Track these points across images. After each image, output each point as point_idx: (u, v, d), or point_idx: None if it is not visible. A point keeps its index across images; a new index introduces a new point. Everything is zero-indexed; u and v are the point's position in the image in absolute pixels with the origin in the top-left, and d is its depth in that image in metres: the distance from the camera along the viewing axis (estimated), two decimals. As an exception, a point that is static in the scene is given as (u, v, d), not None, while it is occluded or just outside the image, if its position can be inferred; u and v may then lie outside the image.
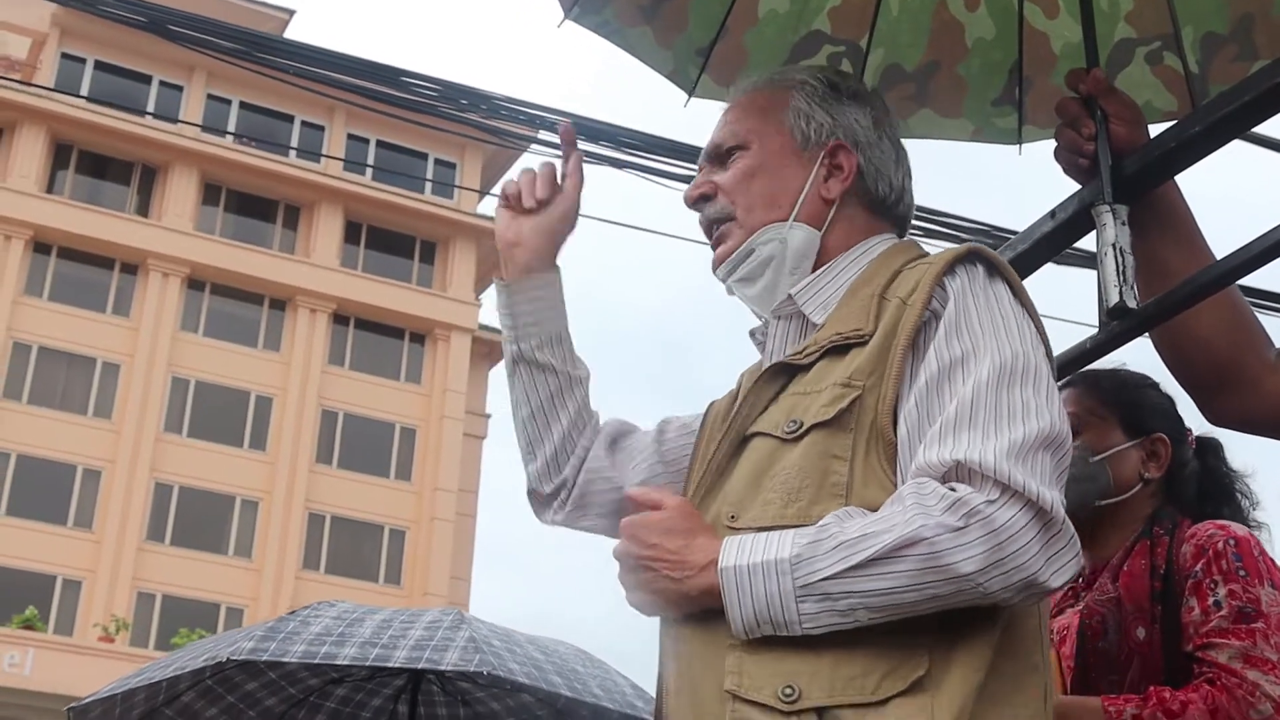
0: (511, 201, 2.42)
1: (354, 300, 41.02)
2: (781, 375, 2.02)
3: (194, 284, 39.83)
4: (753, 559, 1.79)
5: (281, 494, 38.26)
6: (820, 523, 1.80)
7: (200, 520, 37.60)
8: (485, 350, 44.22)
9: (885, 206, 2.19)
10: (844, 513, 1.81)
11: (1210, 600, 2.52)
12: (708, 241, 2.25)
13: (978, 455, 1.76)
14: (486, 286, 44.61)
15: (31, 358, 37.42)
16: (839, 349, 1.96)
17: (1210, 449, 2.88)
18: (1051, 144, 2.83)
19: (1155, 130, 2.42)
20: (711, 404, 2.30)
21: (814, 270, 2.13)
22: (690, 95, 2.89)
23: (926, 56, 2.85)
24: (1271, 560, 2.57)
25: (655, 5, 2.74)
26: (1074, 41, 2.74)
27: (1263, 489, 2.87)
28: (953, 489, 1.75)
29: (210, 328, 39.81)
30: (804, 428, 1.90)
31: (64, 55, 39.88)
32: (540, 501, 2.42)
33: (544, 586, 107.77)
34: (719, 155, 2.23)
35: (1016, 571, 1.72)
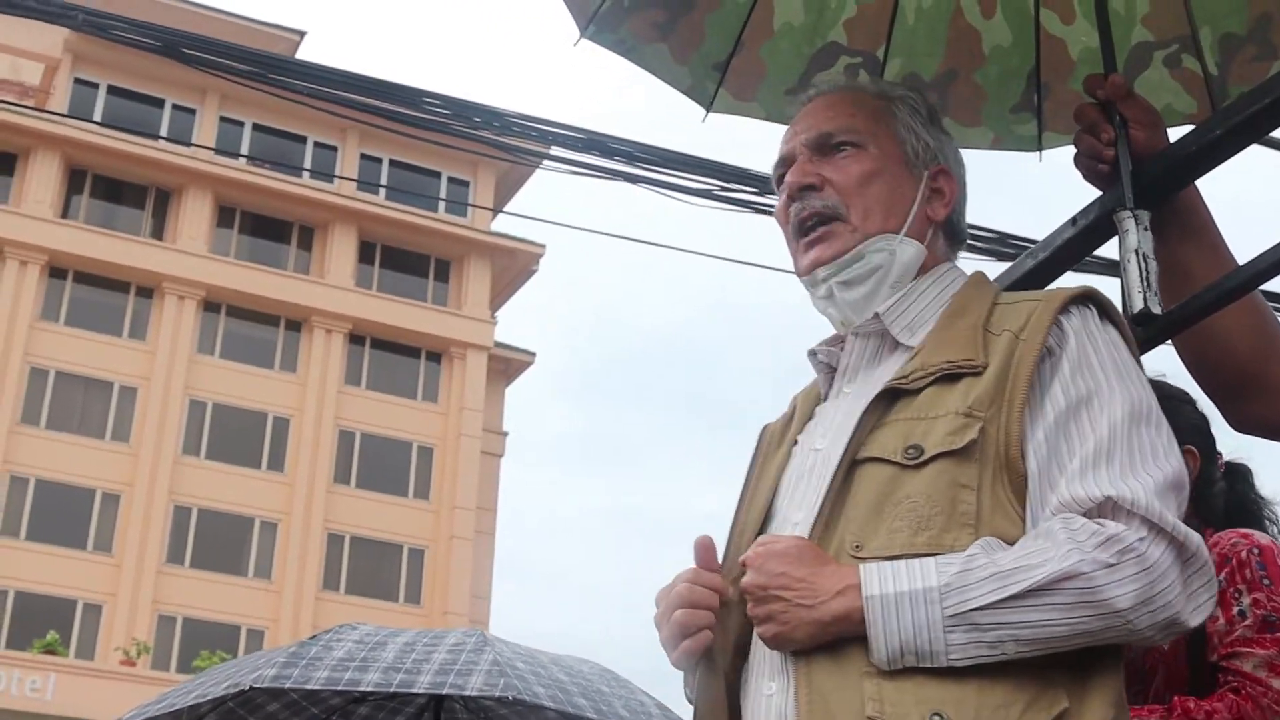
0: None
1: (369, 320, 41.10)
2: (885, 399, 1.97)
3: (210, 306, 39.94)
4: (899, 587, 1.77)
5: (300, 515, 38.30)
6: (966, 553, 1.79)
7: (220, 542, 37.65)
8: (501, 368, 44.28)
9: (959, 241, 2.21)
10: (987, 543, 1.80)
11: (1235, 610, 2.50)
12: (790, 233, 2.19)
13: (1129, 493, 1.78)
14: (502, 304, 44.68)
15: (49, 382, 37.53)
16: (950, 377, 1.94)
17: (1240, 474, 2.87)
18: (1071, 150, 2.83)
19: (1175, 134, 2.41)
20: (766, 427, 2.27)
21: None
22: (708, 110, 2.89)
23: (944, 65, 2.84)
24: None
25: (671, 21, 2.74)
26: (1091, 46, 2.73)
27: None
28: (1102, 524, 1.76)
29: (226, 350, 39.90)
30: (927, 455, 1.87)
31: (77, 80, 40.05)
32: None
33: (565, 603, 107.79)
34: (826, 145, 2.16)
35: (1164, 609, 1.74)
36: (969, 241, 2.38)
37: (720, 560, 2.07)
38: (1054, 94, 2.81)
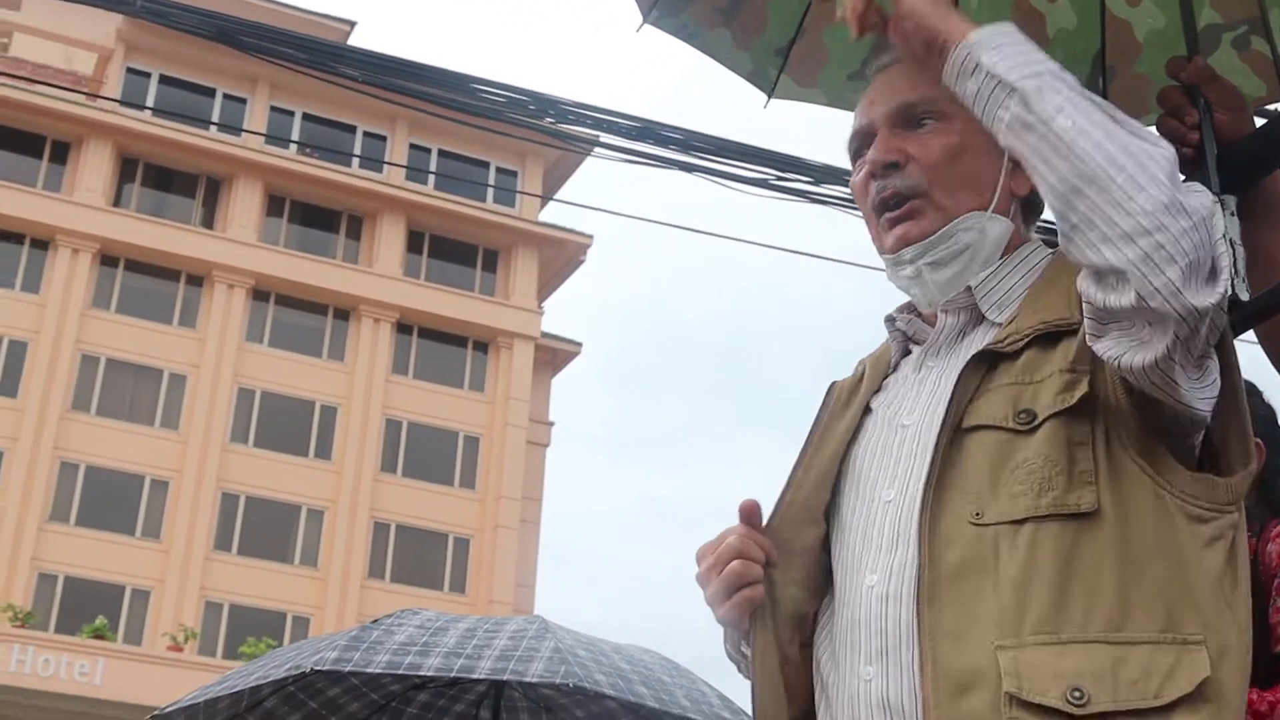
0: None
1: (417, 309, 41.22)
2: (983, 364, 1.92)
3: (259, 295, 40.14)
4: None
5: (346, 503, 38.46)
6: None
7: (266, 529, 37.85)
8: (548, 358, 44.34)
9: (1036, 210, 2.13)
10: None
11: None
12: (871, 211, 2.11)
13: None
14: (549, 294, 44.75)
15: (99, 369, 37.80)
16: (1048, 338, 1.90)
17: None
18: None
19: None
20: (834, 384, 2.21)
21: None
22: (770, 96, 2.87)
23: None
24: None
25: (734, 7, 2.73)
26: (1158, 28, 2.71)
27: None
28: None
29: (275, 338, 40.09)
30: (1041, 418, 1.83)
31: (129, 70, 40.31)
32: None
33: (610, 593, 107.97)
34: (909, 117, 2.08)
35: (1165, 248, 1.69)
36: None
37: (766, 521, 2.04)
38: (1119, 77, 2.78)
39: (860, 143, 2.13)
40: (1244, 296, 2.18)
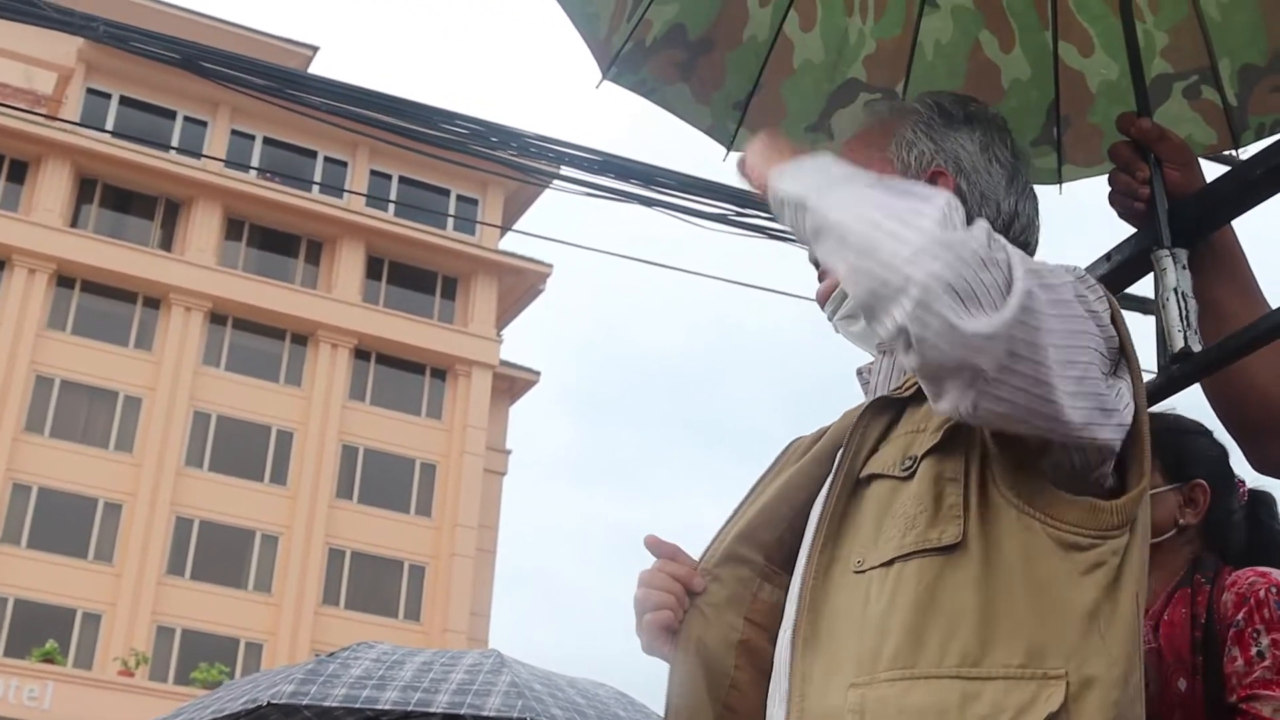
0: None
1: (375, 335, 41.15)
2: (887, 411, 1.95)
3: (216, 318, 40.00)
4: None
5: (302, 529, 38.29)
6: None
7: (220, 554, 37.65)
8: (506, 386, 44.31)
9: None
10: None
11: (1253, 650, 2.48)
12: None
13: None
14: (508, 322, 44.73)
15: (54, 391, 37.57)
16: None
17: (1263, 502, 2.84)
18: (1089, 183, 2.82)
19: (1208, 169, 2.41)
20: (796, 439, 2.21)
21: None
22: (729, 149, 2.90)
23: None
24: None
25: (692, 61, 2.75)
26: (1110, 79, 2.74)
27: None
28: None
29: (232, 362, 39.93)
30: (916, 460, 1.83)
31: (89, 90, 40.17)
32: None
33: (566, 622, 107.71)
34: None
35: (937, 275, 1.61)
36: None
37: (701, 556, 2.06)
38: (1073, 127, 2.81)
39: None
40: (1197, 349, 2.21)
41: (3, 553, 35.27)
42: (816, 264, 2.17)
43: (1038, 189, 2.91)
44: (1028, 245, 2.15)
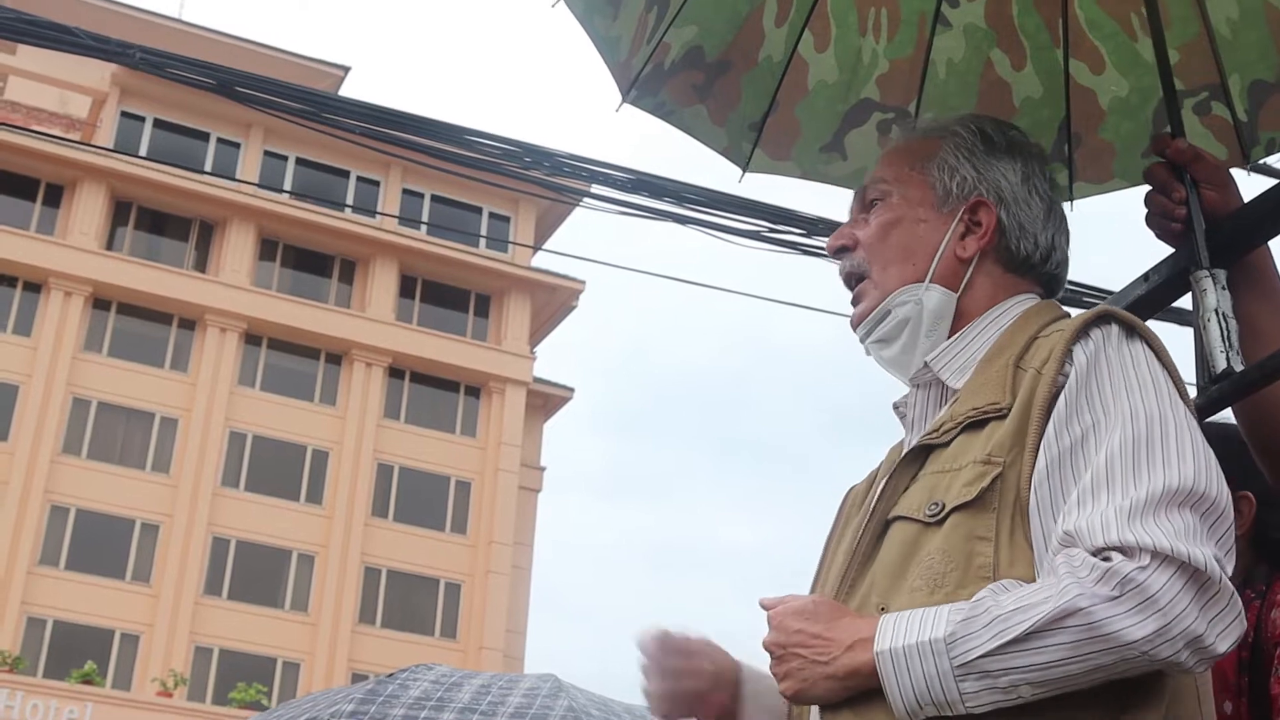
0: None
1: (409, 354, 41.22)
2: (921, 454, 1.95)
3: (251, 339, 40.14)
4: (908, 640, 1.73)
5: (338, 548, 38.36)
6: (975, 597, 1.74)
7: (257, 574, 37.74)
8: (540, 403, 44.33)
9: (1029, 265, 2.12)
10: (999, 586, 1.75)
11: None
12: (848, 293, 2.20)
13: (1131, 536, 1.69)
14: (541, 339, 44.77)
15: (91, 413, 37.75)
16: (977, 424, 1.90)
17: None
18: (1099, 200, 2.84)
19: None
20: (850, 489, 2.24)
21: (952, 332, 2.07)
22: (744, 170, 2.91)
23: None
24: None
25: (709, 83, 2.77)
26: (1121, 95, 2.75)
27: None
28: (1107, 558, 1.68)
29: (267, 382, 40.06)
30: (945, 510, 1.84)
31: (123, 114, 40.40)
32: None
33: (600, 640, 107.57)
34: (863, 202, 2.19)
35: (1181, 636, 1.65)
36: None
37: None
38: (1085, 144, 2.82)
39: None
40: (1239, 368, 2.21)
41: (41, 574, 35.43)
42: (850, 283, 2.17)
43: None
44: (1059, 279, 2.16)
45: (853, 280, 2.16)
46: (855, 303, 2.15)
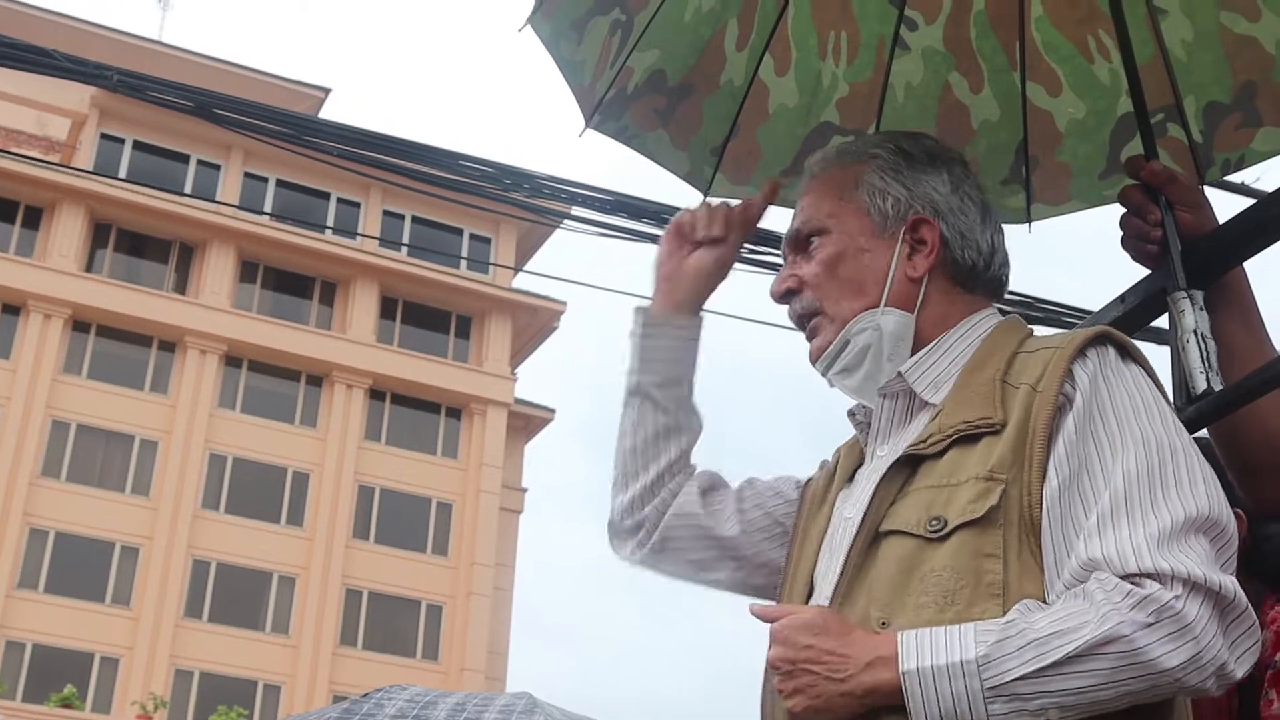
0: (684, 229, 2.40)
1: (390, 375, 41.17)
2: (909, 465, 1.95)
3: (231, 361, 40.06)
4: (937, 661, 1.72)
5: (319, 570, 38.25)
6: (1004, 619, 1.74)
7: (237, 597, 37.62)
8: (521, 424, 44.29)
9: (975, 273, 2.14)
10: (1024, 607, 1.76)
11: None
12: (802, 332, 2.21)
13: (1163, 560, 1.72)
14: (522, 360, 44.75)
15: (70, 435, 37.63)
16: (969, 438, 1.90)
17: None
18: (1056, 221, 2.85)
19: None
20: (809, 480, 2.26)
21: (917, 348, 2.08)
22: (706, 194, 2.91)
23: None
24: None
25: (671, 107, 2.78)
26: (1078, 117, 2.78)
27: None
28: (1139, 584, 1.71)
29: (247, 404, 39.97)
30: (949, 526, 1.84)
31: (103, 135, 40.35)
32: (617, 535, 2.38)
33: (582, 661, 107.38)
34: (800, 242, 2.19)
35: (1211, 663, 1.69)
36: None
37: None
38: (1042, 166, 2.83)
39: None
40: (1216, 387, 2.22)
41: (20, 598, 35.27)
42: (803, 324, 2.18)
43: (1007, 229, 2.97)
44: (1003, 280, 2.19)
45: (805, 320, 2.17)
46: (810, 338, 2.16)
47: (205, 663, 36.42)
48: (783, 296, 2.19)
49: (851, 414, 2.19)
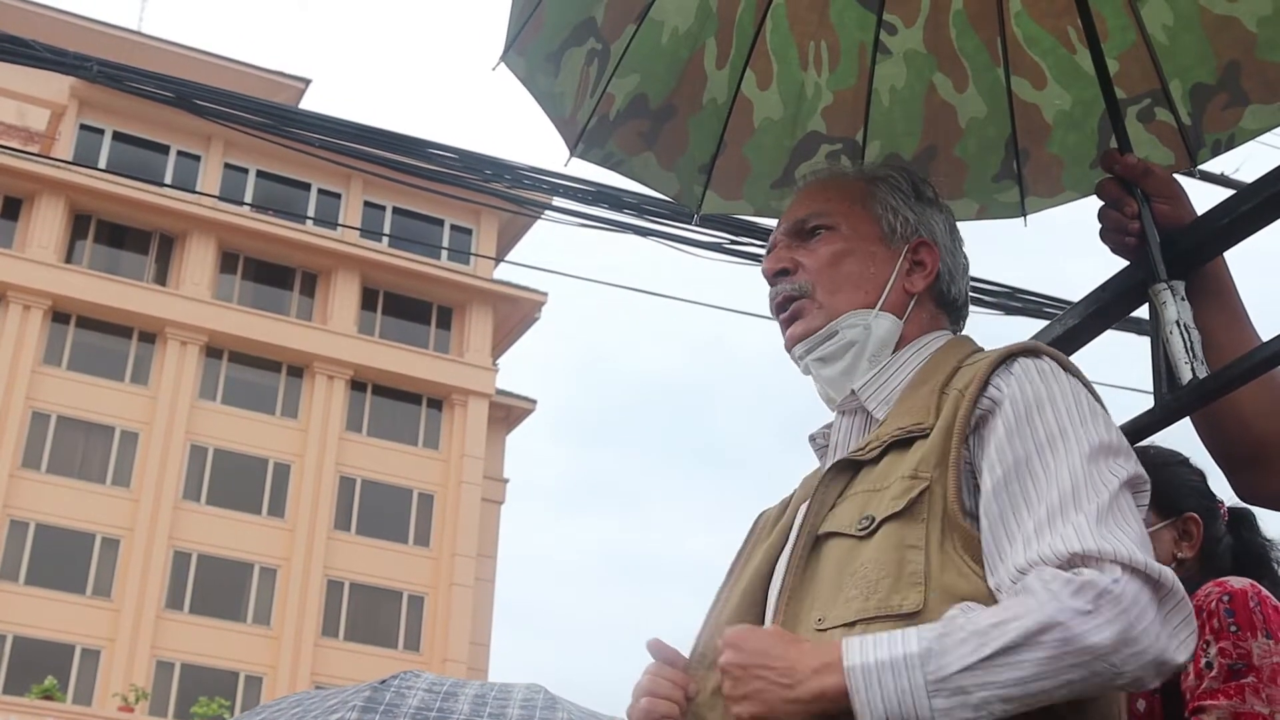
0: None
1: (371, 366, 41.12)
2: (847, 472, 2.02)
3: (212, 352, 39.98)
4: (879, 655, 1.73)
5: (300, 561, 38.22)
6: (946, 615, 1.76)
7: (219, 588, 37.56)
8: (502, 415, 44.27)
9: (954, 309, 2.26)
10: (966, 606, 1.78)
11: (1203, 662, 2.46)
12: (772, 315, 2.26)
13: (1104, 544, 1.75)
14: (503, 351, 44.72)
15: (50, 427, 37.52)
16: (902, 443, 1.98)
17: (1244, 520, 2.86)
18: (1053, 212, 2.89)
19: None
20: (763, 513, 2.30)
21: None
22: (697, 213, 2.95)
23: (923, 143, 2.90)
24: (1275, 606, 2.49)
25: (655, 130, 2.79)
26: (1064, 108, 2.80)
27: None
28: (1078, 573, 1.73)
29: (228, 395, 39.90)
30: (876, 521, 1.90)
31: (82, 126, 40.21)
32: None
33: (563, 650, 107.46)
34: (801, 231, 2.25)
35: (1148, 649, 1.70)
36: (979, 297, 2.41)
37: (690, 652, 2.10)
38: (1033, 159, 2.86)
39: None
40: (1201, 375, 2.24)
41: (1, 589, 35.17)
42: (785, 306, 2.23)
43: (1000, 223, 2.97)
44: (963, 321, 2.28)
45: (789, 302, 2.22)
46: (792, 320, 2.21)
47: (187, 654, 36.36)
48: (776, 275, 2.23)
49: (812, 439, 2.26)
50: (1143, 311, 2.42)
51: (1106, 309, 2.47)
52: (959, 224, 2.36)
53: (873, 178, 2.28)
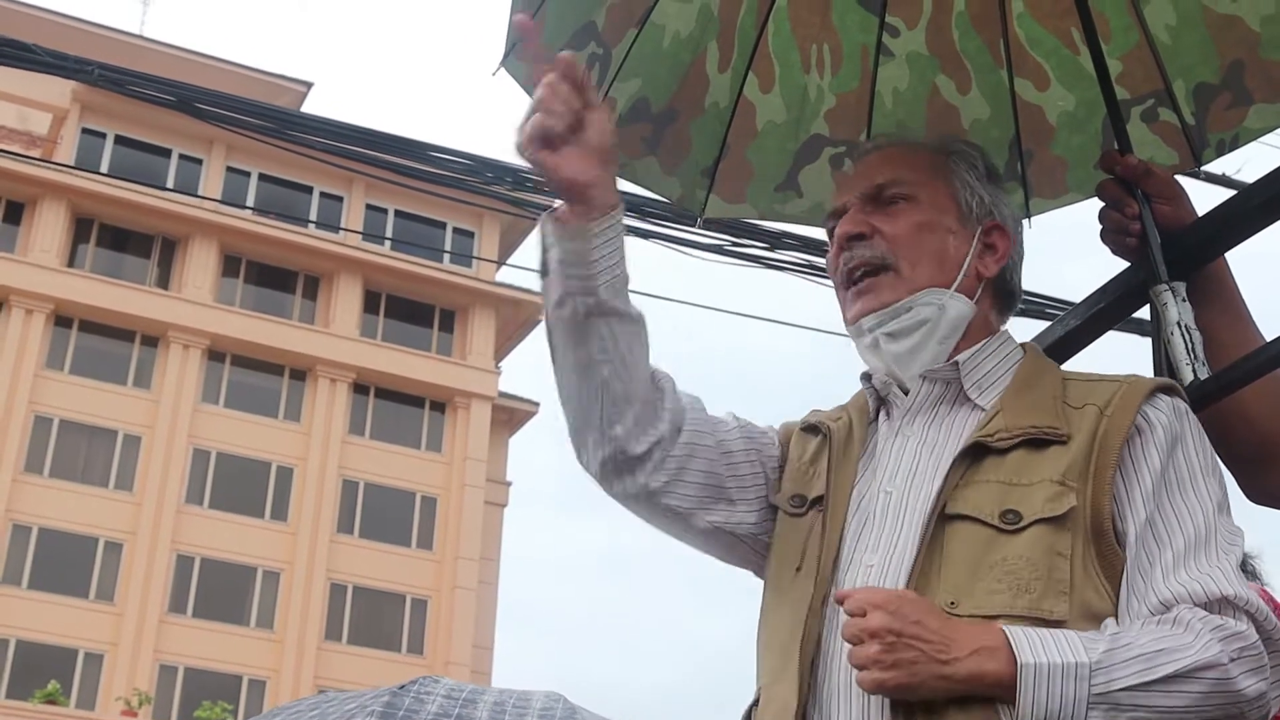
0: (547, 129, 1.97)
1: (374, 370, 41.09)
2: (970, 454, 1.97)
3: (214, 355, 39.97)
4: (1052, 658, 1.76)
5: (303, 565, 38.20)
6: (1110, 632, 1.82)
7: (222, 592, 37.55)
8: (505, 418, 44.24)
9: (1011, 300, 2.23)
10: (1114, 624, 1.86)
11: None
12: (838, 282, 2.19)
13: (1241, 592, 1.84)
14: (506, 354, 44.70)
15: (53, 431, 37.51)
16: (1037, 443, 1.96)
17: None
18: (1056, 214, 2.87)
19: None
20: (822, 422, 2.21)
21: (959, 344, 2.12)
22: (700, 216, 2.94)
23: None
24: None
25: (657, 134, 2.78)
26: (1068, 110, 2.79)
27: None
28: (1225, 621, 1.82)
29: (231, 399, 39.89)
30: (1026, 521, 1.89)
31: (84, 130, 40.20)
32: (625, 466, 2.12)
33: (566, 653, 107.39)
34: (878, 196, 2.17)
35: (1271, 705, 1.81)
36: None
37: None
38: (1037, 160, 2.84)
39: (834, 222, 2.21)
40: (1202, 377, 2.24)
41: (3, 594, 35.17)
42: (858, 273, 2.14)
43: None
44: (1016, 294, 2.25)
45: (864, 270, 2.14)
46: (866, 292, 2.13)
47: (190, 658, 36.35)
48: (852, 239, 2.15)
49: (866, 376, 2.19)
50: (1144, 313, 2.42)
51: (1108, 310, 2.46)
52: None
53: (950, 150, 2.23)
